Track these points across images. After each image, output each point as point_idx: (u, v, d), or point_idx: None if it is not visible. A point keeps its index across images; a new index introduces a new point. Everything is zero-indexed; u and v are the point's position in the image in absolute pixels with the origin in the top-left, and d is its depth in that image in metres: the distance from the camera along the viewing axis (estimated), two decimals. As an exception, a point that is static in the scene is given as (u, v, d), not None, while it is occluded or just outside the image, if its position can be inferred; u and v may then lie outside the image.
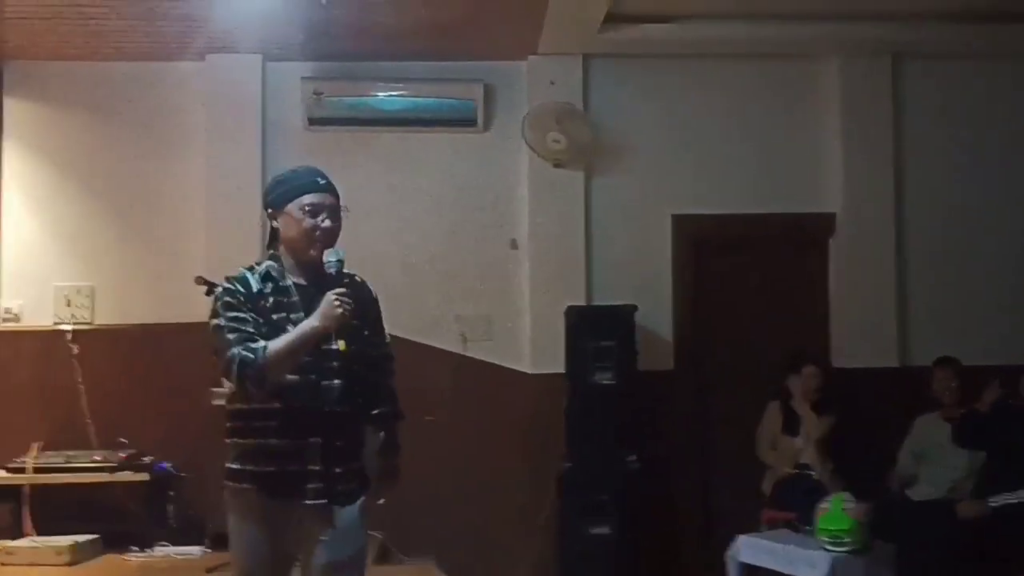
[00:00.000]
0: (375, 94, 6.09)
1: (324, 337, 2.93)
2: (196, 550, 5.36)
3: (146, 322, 5.90)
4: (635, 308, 5.80)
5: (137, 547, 5.38)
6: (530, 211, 6.15)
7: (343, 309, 2.89)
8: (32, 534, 5.33)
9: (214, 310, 3.01)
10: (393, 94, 6.09)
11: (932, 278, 6.24)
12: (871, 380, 6.02)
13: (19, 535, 5.35)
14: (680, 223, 6.21)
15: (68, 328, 5.90)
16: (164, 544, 5.43)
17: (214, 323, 2.98)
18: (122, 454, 5.49)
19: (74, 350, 5.85)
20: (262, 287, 3.01)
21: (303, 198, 3.04)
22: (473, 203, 6.20)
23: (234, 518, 3.06)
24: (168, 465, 5.60)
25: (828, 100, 6.28)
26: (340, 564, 3.04)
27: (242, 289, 2.99)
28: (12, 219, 6.05)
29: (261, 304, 2.98)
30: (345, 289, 2.95)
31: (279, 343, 2.90)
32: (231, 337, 2.91)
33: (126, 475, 5.43)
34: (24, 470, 5.40)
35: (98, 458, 5.47)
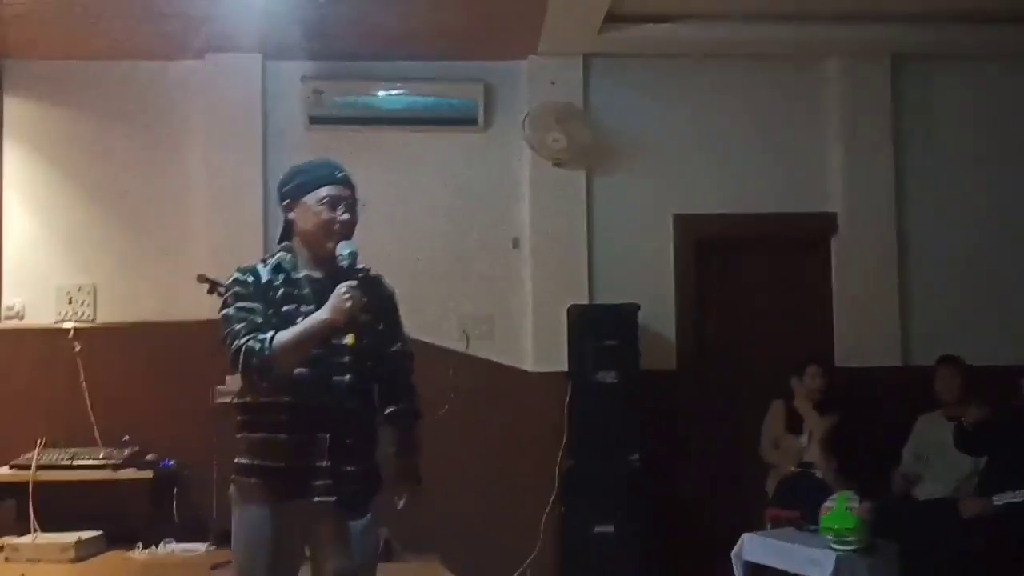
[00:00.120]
0: (376, 93, 6.08)
1: (335, 331, 2.89)
2: (200, 547, 5.35)
3: (148, 320, 5.89)
4: (638, 307, 5.80)
5: (141, 544, 5.37)
6: (531, 210, 6.15)
7: (352, 302, 2.87)
8: (36, 531, 5.31)
9: (224, 300, 3.00)
10: (393, 93, 6.09)
11: (934, 277, 6.25)
12: (874, 379, 6.03)
13: (24, 532, 5.32)
14: (682, 222, 6.21)
15: (70, 326, 5.89)
16: (168, 541, 5.40)
17: (223, 312, 2.98)
18: (126, 452, 5.49)
19: (76, 348, 5.83)
20: (273, 278, 2.99)
21: (321, 190, 3.03)
22: (474, 202, 6.20)
23: (238, 513, 3.03)
24: (172, 462, 5.59)
25: (829, 100, 6.29)
26: (351, 572, 3.01)
27: (252, 279, 2.98)
28: (13, 217, 6.04)
29: (271, 295, 2.96)
30: (356, 282, 2.91)
31: (287, 334, 2.88)
32: (239, 327, 2.90)
33: (130, 472, 5.42)
34: (28, 467, 5.38)
35: (102, 456, 5.47)
